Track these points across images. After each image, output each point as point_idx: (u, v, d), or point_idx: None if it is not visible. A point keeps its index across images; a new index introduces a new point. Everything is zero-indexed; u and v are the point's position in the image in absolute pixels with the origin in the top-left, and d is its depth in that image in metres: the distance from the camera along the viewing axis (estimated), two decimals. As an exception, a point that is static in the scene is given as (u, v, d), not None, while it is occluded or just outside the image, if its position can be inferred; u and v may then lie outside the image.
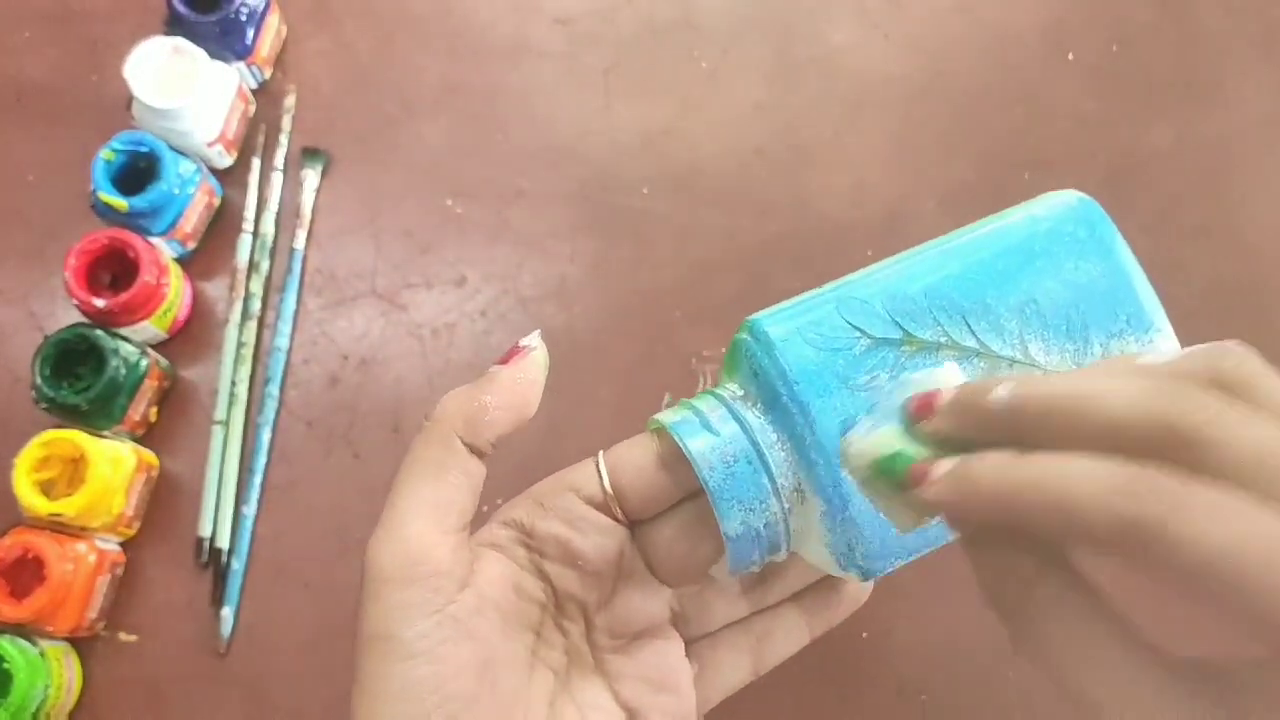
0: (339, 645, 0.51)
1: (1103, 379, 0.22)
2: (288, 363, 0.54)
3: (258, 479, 0.52)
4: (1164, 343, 0.30)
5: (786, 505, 0.29)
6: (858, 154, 0.58)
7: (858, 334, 0.29)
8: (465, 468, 0.28)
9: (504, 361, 0.29)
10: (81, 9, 0.58)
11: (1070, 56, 0.60)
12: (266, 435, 0.52)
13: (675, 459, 0.30)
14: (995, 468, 0.22)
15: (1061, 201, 0.31)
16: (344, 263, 0.55)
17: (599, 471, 0.31)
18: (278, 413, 0.53)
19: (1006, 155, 0.59)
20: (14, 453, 0.47)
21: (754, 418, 0.29)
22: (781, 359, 0.28)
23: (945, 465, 0.23)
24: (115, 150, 0.51)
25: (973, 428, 0.23)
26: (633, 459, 0.31)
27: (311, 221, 0.56)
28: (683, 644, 0.33)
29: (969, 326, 0.29)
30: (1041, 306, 0.29)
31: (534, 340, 0.29)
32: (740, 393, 0.30)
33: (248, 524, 0.51)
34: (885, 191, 0.58)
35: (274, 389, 0.53)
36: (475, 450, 0.29)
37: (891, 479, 0.24)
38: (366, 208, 0.56)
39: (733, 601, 0.34)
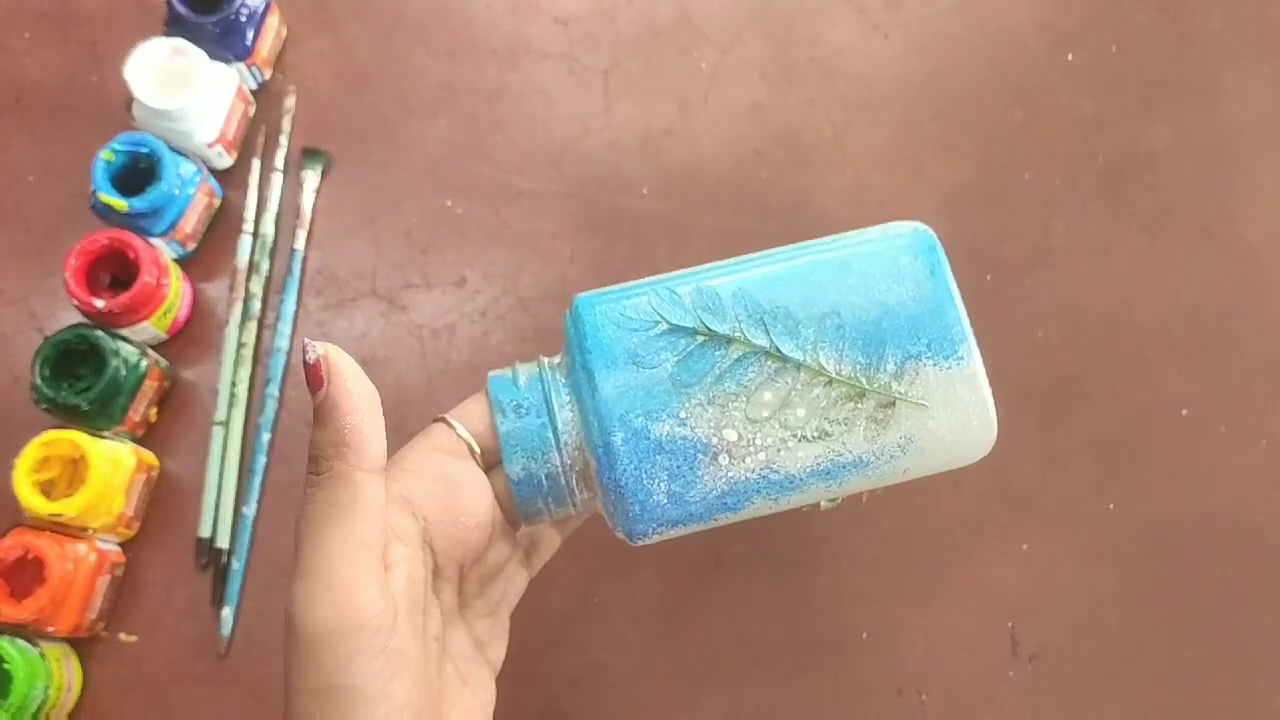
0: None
1: None
2: (288, 363, 0.54)
3: (258, 479, 0.52)
4: (966, 370, 0.32)
5: (568, 460, 0.32)
6: (857, 154, 0.58)
7: (657, 319, 0.32)
8: (368, 495, 0.28)
9: (318, 384, 0.29)
10: (81, 9, 0.58)
11: (1070, 57, 0.60)
12: (266, 436, 0.53)
13: None
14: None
15: (897, 229, 0.34)
16: (344, 263, 0.56)
17: (452, 427, 0.33)
18: (278, 413, 0.53)
19: (1006, 155, 0.59)
20: (14, 453, 0.47)
21: (555, 380, 0.33)
22: (583, 330, 0.32)
23: None
24: (115, 151, 0.51)
25: None
26: (476, 413, 0.33)
27: (311, 222, 0.56)
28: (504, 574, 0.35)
29: (765, 327, 0.32)
30: (844, 319, 0.32)
31: (313, 344, 0.29)
32: (559, 360, 0.34)
33: (248, 524, 0.51)
34: (885, 191, 0.58)
35: (274, 389, 0.53)
36: (380, 468, 0.29)
37: None
38: (366, 208, 0.56)
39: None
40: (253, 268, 0.55)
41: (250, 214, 0.55)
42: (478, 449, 0.33)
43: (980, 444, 0.33)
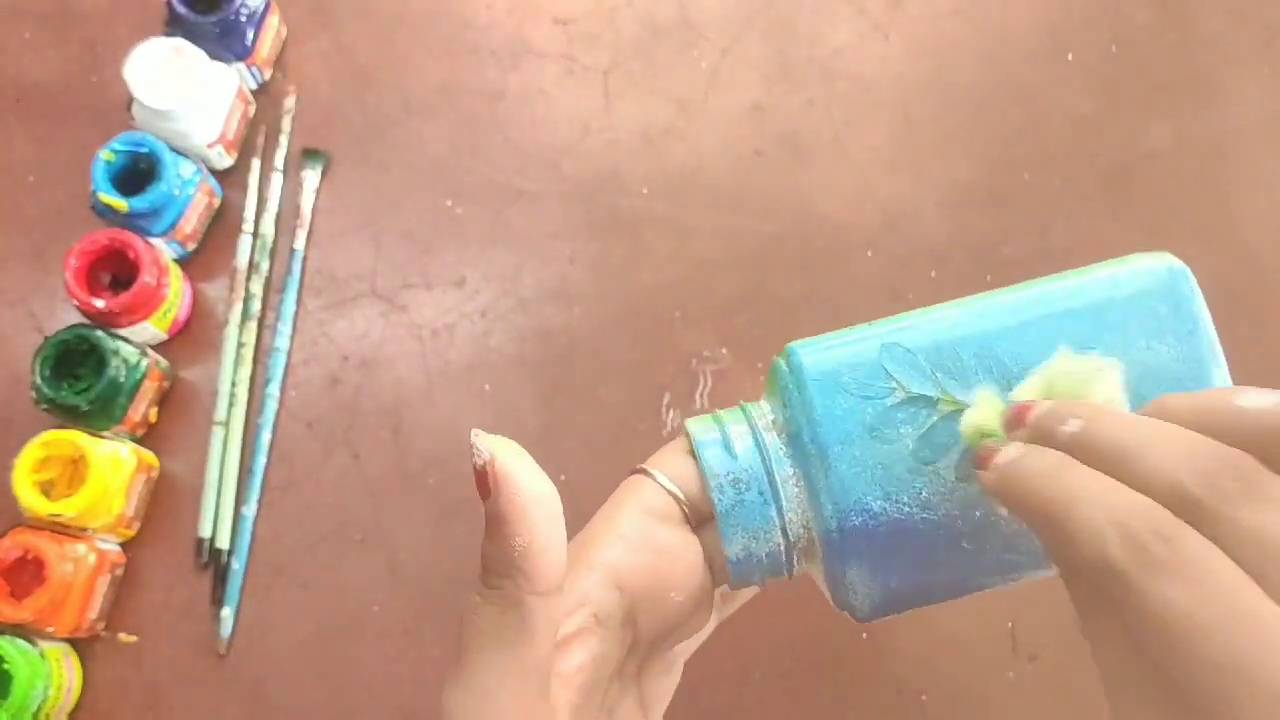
0: (339, 646, 0.51)
1: (1162, 431, 0.23)
2: (288, 363, 0.54)
3: (258, 479, 0.52)
4: None
5: (793, 539, 0.29)
6: (857, 154, 0.58)
7: (894, 385, 0.28)
8: (536, 621, 0.26)
9: (485, 493, 0.25)
10: (81, 9, 0.58)
11: (1069, 57, 0.60)
12: (266, 436, 0.52)
13: None
14: (1037, 470, 0.24)
15: (1149, 267, 0.29)
16: (344, 263, 0.56)
17: (656, 479, 0.30)
18: (278, 413, 0.53)
19: (1006, 155, 0.59)
20: (14, 453, 0.47)
21: (775, 447, 0.29)
22: (811, 396, 0.28)
23: (1007, 454, 0.25)
24: (115, 151, 0.51)
25: (1044, 445, 0.25)
26: (678, 463, 0.30)
27: (311, 222, 0.56)
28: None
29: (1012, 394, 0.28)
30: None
31: (481, 446, 0.25)
32: (771, 417, 0.30)
33: (248, 524, 0.51)
34: (885, 192, 0.58)
35: (274, 390, 0.53)
36: (555, 590, 0.26)
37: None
38: (366, 208, 0.56)
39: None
40: (253, 268, 0.55)
41: (250, 214, 0.55)
42: (687, 507, 0.30)
43: None
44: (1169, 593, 0.20)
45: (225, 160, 0.56)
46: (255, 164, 0.56)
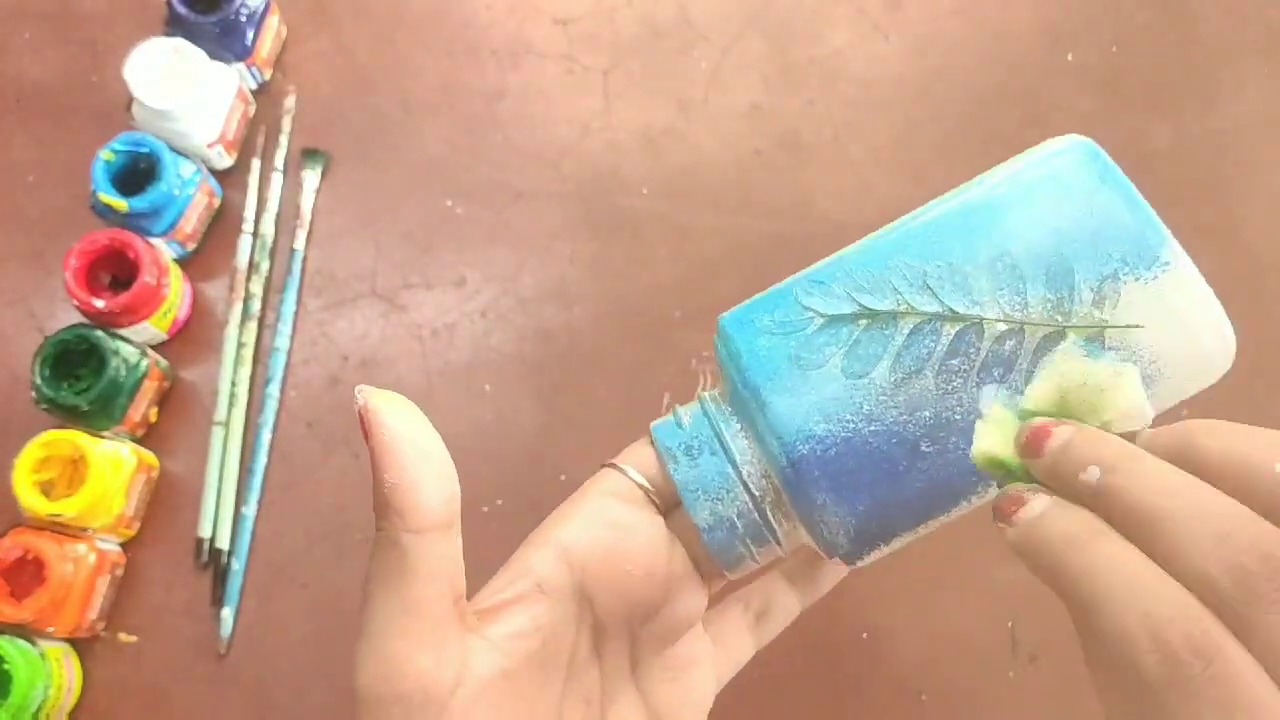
0: (339, 646, 0.51)
1: (1192, 499, 0.22)
2: (288, 363, 0.54)
3: (258, 479, 0.52)
4: (1175, 275, 0.28)
5: (757, 493, 0.29)
6: (857, 155, 0.58)
7: (810, 314, 0.28)
8: (426, 556, 0.26)
9: (366, 435, 0.26)
10: (81, 10, 0.58)
11: (1070, 57, 0.60)
12: (266, 436, 0.53)
13: None
14: (1062, 535, 0.23)
15: (1047, 148, 0.29)
16: (344, 263, 0.56)
17: (621, 471, 0.30)
18: (278, 413, 0.53)
19: (1006, 155, 0.58)
20: (14, 453, 0.47)
21: (721, 410, 0.29)
22: (735, 348, 0.29)
23: (1032, 510, 0.24)
24: (115, 151, 0.51)
25: (1064, 494, 0.24)
26: (646, 457, 0.30)
27: (311, 222, 0.56)
28: (704, 631, 0.32)
29: (931, 290, 0.28)
30: (1016, 258, 0.28)
31: (360, 395, 0.26)
32: (719, 392, 0.30)
33: (248, 524, 0.51)
34: (885, 192, 0.58)
35: (274, 389, 0.53)
36: (430, 528, 0.26)
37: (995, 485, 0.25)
38: (366, 209, 0.56)
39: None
40: (253, 268, 0.55)
41: (250, 214, 0.55)
42: (653, 491, 0.30)
43: (1218, 354, 0.29)
44: (1201, 716, 0.20)
45: (225, 160, 0.56)
46: (255, 164, 0.56)
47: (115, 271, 0.52)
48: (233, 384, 0.53)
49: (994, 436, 0.27)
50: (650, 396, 0.54)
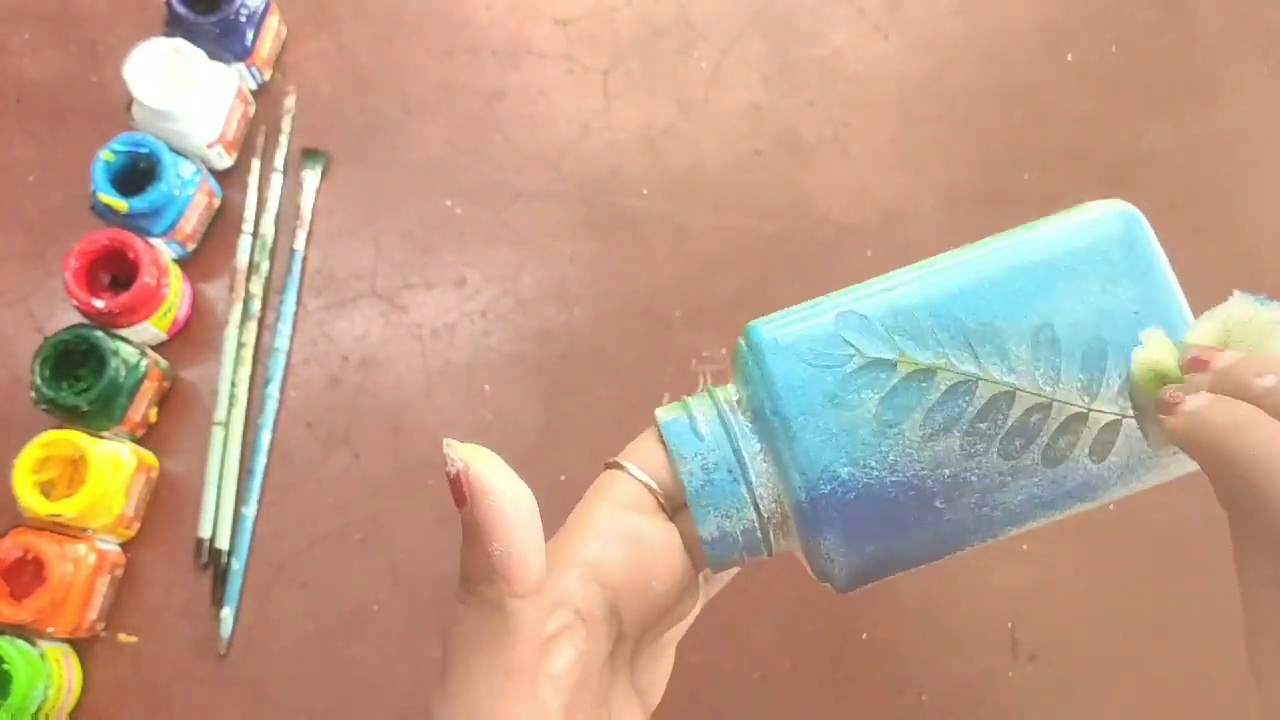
0: (339, 646, 0.51)
1: None
2: (287, 363, 0.54)
3: (258, 479, 0.52)
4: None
5: (766, 515, 0.29)
6: (857, 155, 0.58)
7: (851, 351, 0.28)
8: (519, 622, 0.26)
9: (460, 501, 0.26)
10: (81, 10, 0.58)
11: (1069, 57, 0.60)
12: (266, 436, 0.52)
13: None
14: (1229, 422, 0.24)
15: (1100, 215, 0.30)
16: (344, 263, 0.56)
17: (630, 473, 0.30)
18: (278, 413, 0.53)
19: (1006, 155, 0.59)
20: (14, 453, 0.47)
21: (741, 425, 0.29)
22: (770, 370, 0.28)
23: (1195, 402, 0.25)
24: (115, 151, 0.51)
25: (1235, 397, 0.25)
26: (650, 454, 0.30)
27: (311, 222, 0.56)
28: None
29: (971, 349, 0.28)
30: (1057, 332, 0.28)
31: (454, 454, 0.25)
32: (736, 397, 0.30)
33: (248, 524, 0.51)
34: (884, 192, 0.58)
35: (274, 390, 0.53)
36: (535, 592, 0.26)
37: (1153, 395, 0.26)
38: (366, 209, 0.56)
39: None
40: (252, 268, 0.55)
41: (250, 214, 0.55)
42: (660, 494, 0.30)
43: None
44: None
45: (225, 160, 0.56)
46: (255, 164, 0.56)
47: (115, 272, 0.52)
48: (233, 384, 0.53)
49: (1156, 352, 0.27)
50: (650, 396, 0.54)
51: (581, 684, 0.28)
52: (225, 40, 0.54)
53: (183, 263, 0.54)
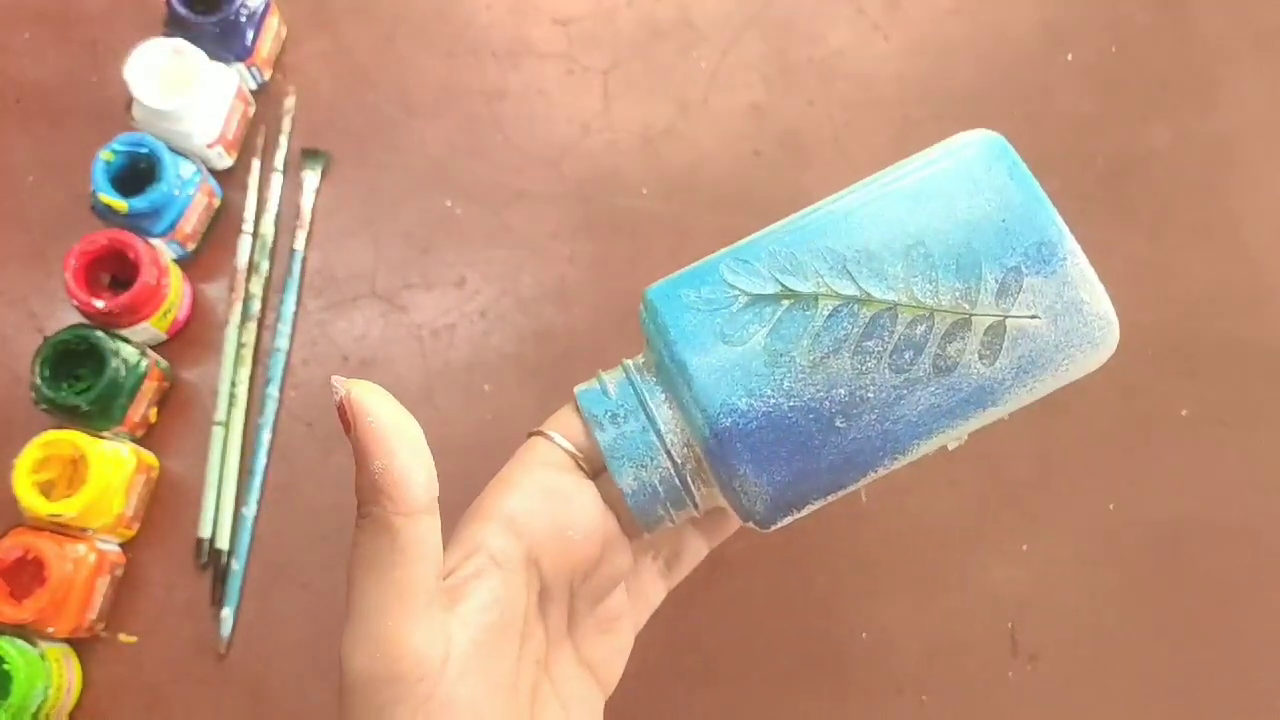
0: (338, 646, 0.51)
1: None
2: (287, 364, 0.54)
3: (258, 480, 0.52)
4: (1070, 269, 0.30)
5: (679, 460, 0.30)
6: (857, 155, 0.58)
7: (736, 292, 0.30)
8: (416, 538, 0.27)
9: (345, 427, 0.28)
10: (81, 10, 0.58)
11: (1069, 57, 0.60)
12: (266, 436, 0.53)
13: None
14: None
15: (962, 141, 0.32)
16: (344, 264, 0.56)
17: (551, 439, 0.31)
18: (278, 413, 0.53)
19: (1006, 155, 0.59)
20: (14, 453, 0.47)
21: (645, 380, 0.31)
22: (663, 321, 0.30)
23: None
24: (115, 151, 0.51)
25: None
26: (571, 423, 0.32)
27: (311, 223, 0.56)
28: (624, 587, 0.34)
29: (850, 274, 0.30)
30: (930, 248, 0.30)
31: (338, 383, 0.28)
32: (642, 360, 0.32)
33: (248, 525, 0.51)
34: (885, 192, 0.58)
35: (274, 390, 0.53)
36: (420, 511, 0.27)
37: None
38: (366, 209, 0.56)
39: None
40: (252, 268, 0.55)
41: (250, 214, 0.55)
42: (581, 458, 0.31)
43: (1103, 343, 0.31)
44: None
45: (225, 160, 0.56)
46: (255, 164, 0.56)
47: (115, 272, 0.52)
48: (233, 384, 0.53)
49: None
50: (650, 396, 0.54)
51: (500, 629, 0.28)
52: (225, 40, 0.54)
53: (183, 263, 0.54)
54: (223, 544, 0.51)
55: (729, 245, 0.32)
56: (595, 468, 0.31)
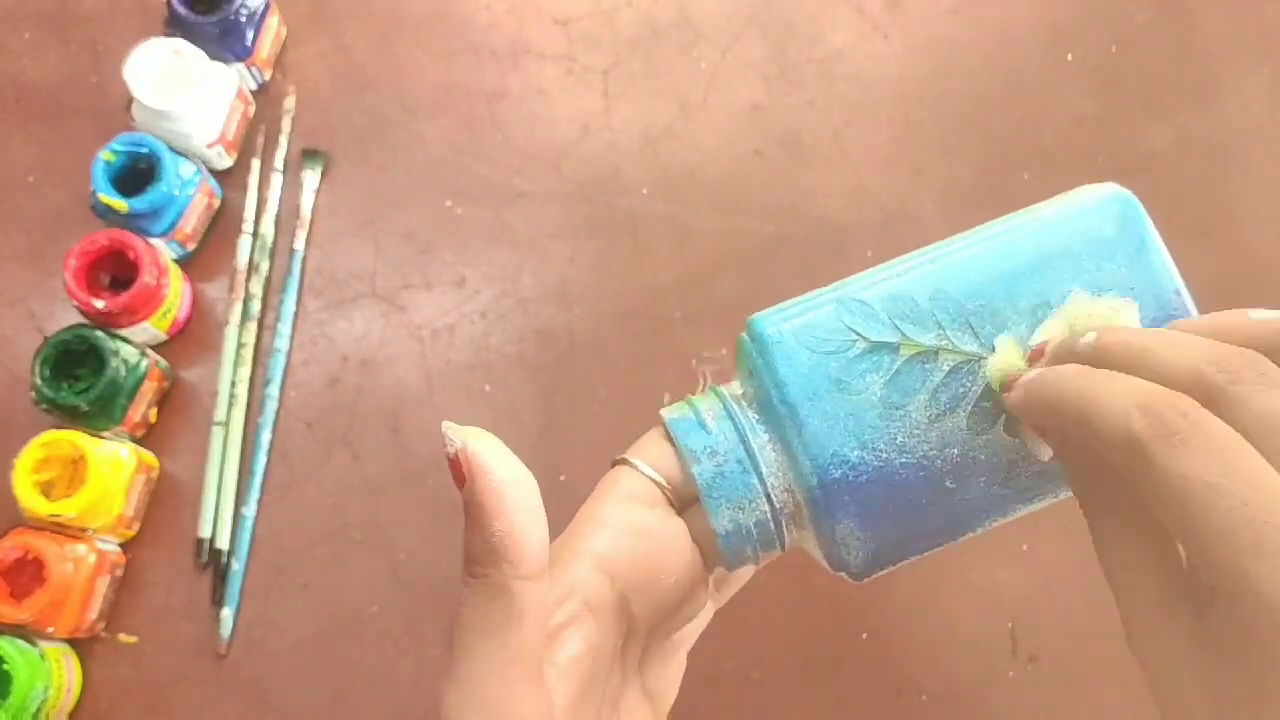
0: (338, 646, 0.51)
1: (1180, 335, 0.25)
2: (287, 364, 0.54)
3: (258, 480, 0.52)
4: None
5: (778, 505, 0.29)
6: (857, 155, 0.58)
7: (854, 337, 0.28)
8: (524, 605, 0.26)
9: (459, 481, 0.26)
10: (81, 10, 0.58)
11: (1070, 57, 0.60)
12: (266, 436, 0.53)
13: None
14: (1058, 377, 0.25)
15: (1094, 196, 0.30)
16: (344, 264, 0.56)
17: (640, 471, 0.30)
18: (277, 413, 0.53)
19: (1006, 156, 0.59)
20: (14, 453, 0.47)
21: (748, 417, 0.29)
22: (774, 360, 0.28)
23: (1030, 373, 0.26)
24: (115, 151, 0.51)
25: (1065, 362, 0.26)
26: (657, 451, 0.30)
27: (311, 223, 0.56)
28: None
29: (971, 328, 0.28)
30: (1055, 308, 0.29)
31: (452, 435, 0.26)
32: (740, 391, 0.30)
33: (248, 524, 0.51)
34: (884, 192, 0.58)
35: (273, 390, 0.53)
36: (538, 574, 0.26)
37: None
38: (366, 209, 0.56)
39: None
40: (252, 268, 0.55)
41: (250, 214, 0.55)
42: (669, 489, 0.30)
43: None
44: (1189, 463, 0.21)
45: (225, 160, 0.56)
46: (255, 164, 0.56)
47: (115, 272, 0.52)
48: (232, 384, 0.53)
49: (1005, 356, 0.29)
50: (650, 397, 0.54)
51: (590, 677, 0.28)
52: (225, 40, 0.54)
53: (183, 263, 0.54)
54: (223, 544, 0.51)
55: (836, 281, 0.30)
56: (683, 499, 0.30)
